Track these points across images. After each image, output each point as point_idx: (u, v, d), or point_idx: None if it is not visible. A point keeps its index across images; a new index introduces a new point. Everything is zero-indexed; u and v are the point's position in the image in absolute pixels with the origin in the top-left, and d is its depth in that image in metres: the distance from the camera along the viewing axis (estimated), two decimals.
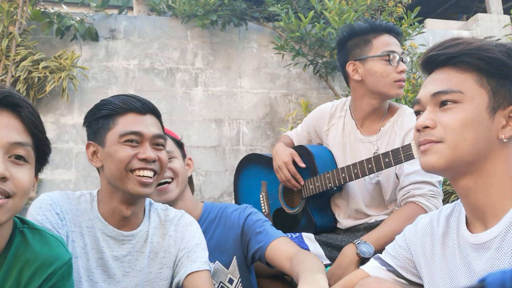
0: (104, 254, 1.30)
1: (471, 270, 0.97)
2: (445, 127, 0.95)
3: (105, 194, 1.34)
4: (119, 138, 1.28)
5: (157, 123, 1.37)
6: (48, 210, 1.24)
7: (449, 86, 0.96)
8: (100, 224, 1.32)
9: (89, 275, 1.28)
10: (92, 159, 1.36)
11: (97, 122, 1.34)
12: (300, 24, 3.65)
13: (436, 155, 0.96)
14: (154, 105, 1.38)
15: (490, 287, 0.50)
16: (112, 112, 1.32)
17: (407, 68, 1.86)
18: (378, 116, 1.86)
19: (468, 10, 6.96)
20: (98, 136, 1.34)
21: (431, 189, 1.67)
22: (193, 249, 1.38)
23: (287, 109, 4.18)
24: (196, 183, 3.92)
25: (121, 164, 1.27)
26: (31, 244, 1.02)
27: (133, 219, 1.36)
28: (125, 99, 1.33)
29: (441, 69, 1.00)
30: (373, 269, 1.18)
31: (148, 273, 1.35)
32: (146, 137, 1.30)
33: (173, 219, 1.44)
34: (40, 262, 1.00)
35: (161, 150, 1.34)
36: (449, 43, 1.00)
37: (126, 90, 3.92)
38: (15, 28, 3.63)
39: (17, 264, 0.99)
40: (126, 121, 1.30)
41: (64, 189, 3.69)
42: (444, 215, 1.09)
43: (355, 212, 1.87)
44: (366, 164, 1.71)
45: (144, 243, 1.37)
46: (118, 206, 1.32)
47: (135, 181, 1.27)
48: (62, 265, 1.04)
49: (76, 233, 1.29)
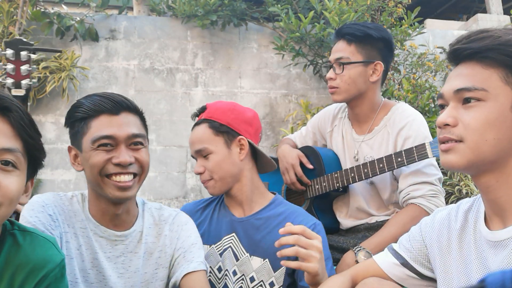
0: (98, 255, 1.28)
1: (486, 266, 0.95)
2: (466, 126, 0.93)
3: (92, 197, 1.31)
4: (92, 144, 1.23)
5: (135, 120, 1.28)
6: (40, 212, 1.22)
7: (473, 83, 0.93)
8: (91, 225, 1.30)
9: (85, 276, 1.27)
10: (74, 163, 1.32)
11: (74, 126, 1.29)
12: (300, 24, 3.65)
13: (456, 154, 0.94)
14: (130, 101, 1.29)
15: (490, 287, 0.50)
16: (85, 115, 1.25)
17: (327, 76, 1.88)
18: (369, 114, 1.86)
19: (468, 10, 6.96)
20: (76, 140, 1.30)
21: (430, 188, 1.66)
22: (189, 249, 1.36)
23: (287, 109, 4.18)
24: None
25: (95, 169, 1.23)
26: (22, 247, 0.98)
27: (124, 217, 1.33)
28: (96, 100, 1.26)
29: (466, 63, 0.96)
30: (386, 264, 1.18)
31: (143, 274, 1.34)
32: (120, 139, 1.23)
33: (168, 218, 1.41)
34: (32, 265, 0.97)
35: (139, 150, 1.27)
36: (474, 36, 0.96)
37: (126, 90, 3.92)
38: (15, 28, 3.64)
39: (9, 269, 0.95)
40: (98, 125, 1.24)
41: (64, 189, 3.69)
42: (462, 209, 1.07)
43: (356, 211, 1.86)
44: (377, 163, 1.70)
45: (138, 244, 1.34)
46: (106, 206, 1.29)
47: (113, 186, 1.23)
48: (55, 267, 1.01)
49: (70, 234, 1.27)
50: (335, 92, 1.82)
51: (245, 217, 1.55)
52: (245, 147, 1.54)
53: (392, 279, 1.16)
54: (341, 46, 1.83)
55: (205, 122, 1.56)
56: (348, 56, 1.79)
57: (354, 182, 1.78)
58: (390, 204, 1.82)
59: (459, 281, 1.01)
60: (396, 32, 3.71)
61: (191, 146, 1.57)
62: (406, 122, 1.74)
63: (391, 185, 1.78)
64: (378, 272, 1.18)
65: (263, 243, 1.50)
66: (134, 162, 1.25)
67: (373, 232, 1.76)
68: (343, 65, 1.79)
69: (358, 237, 1.79)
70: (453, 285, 1.03)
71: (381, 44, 1.81)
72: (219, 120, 1.54)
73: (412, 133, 1.71)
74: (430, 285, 1.14)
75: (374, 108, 1.85)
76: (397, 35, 3.72)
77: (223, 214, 1.62)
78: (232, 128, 1.54)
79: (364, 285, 1.13)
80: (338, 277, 1.20)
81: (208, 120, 1.55)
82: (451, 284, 1.03)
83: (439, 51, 4.33)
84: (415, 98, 3.58)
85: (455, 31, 4.66)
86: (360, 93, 1.81)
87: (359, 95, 1.82)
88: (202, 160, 1.55)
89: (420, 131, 1.72)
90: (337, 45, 1.86)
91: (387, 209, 1.82)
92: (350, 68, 1.79)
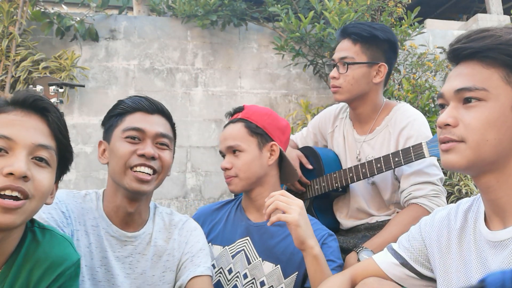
0: (107, 254, 1.31)
1: (486, 267, 0.95)
2: (467, 126, 0.92)
3: (110, 191, 1.35)
4: (122, 134, 1.31)
5: (165, 124, 1.39)
6: (53, 208, 1.24)
7: (473, 83, 0.92)
8: (104, 223, 1.33)
9: (92, 274, 1.28)
10: (101, 156, 1.38)
11: (109, 120, 1.37)
12: (300, 25, 3.65)
13: (457, 155, 0.93)
14: (164, 107, 1.40)
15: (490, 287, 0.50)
16: (122, 111, 1.35)
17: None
18: (371, 115, 1.86)
19: (468, 10, 6.96)
20: (107, 134, 1.36)
21: (432, 188, 1.66)
22: (197, 254, 1.38)
23: (287, 109, 4.18)
24: (196, 183, 3.92)
25: (121, 160, 1.28)
26: (41, 244, 1.02)
27: (137, 218, 1.36)
28: (135, 99, 1.37)
29: (467, 62, 0.96)
30: (385, 264, 1.17)
31: (151, 277, 1.35)
32: (148, 135, 1.32)
33: (178, 223, 1.44)
34: (50, 262, 1.01)
35: (164, 150, 1.35)
36: (475, 35, 0.95)
37: (126, 90, 3.92)
38: (15, 28, 3.63)
39: (27, 264, 0.99)
40: (132, 119, 1.33)
41: (64, 189, 3.69)
42: (462, 209, 1.07)
43: (357, 211, 1.86)
44: (375, 163, 1.70)
45: (147, 246, 1.37)
46: (121, 203, 1.32)
47: (132, 177, 1.28)
48: (71, 265, 1.05)
49: (81, 232, 1.29)
50: (337, 91, 1.82)
51: (261, 222, 1.56)
52: (275, 153, 1.57)
53: (392, 279, 1.16)
54: (346, 45, 1.82)
55: (241, 121, 1.59)
56: (353, 56, 1.79)
57: (352, 182, 1.78)
58: (391, 204, 1.81)
59: (459, 281, 1.01)
60: (396, 32, 3.71)
61: (223, 141, 1.59)
62: (408, 122, 1.74)
63: (392, 185, 1.78)
64: (377, 272, 1.18)
65: (276, 249, 1.51)
66: (157, 158, 1.31)
67: (373, 232, 1.76)
68: (347, 65, 1.78)
69: (358, 237, 1.79)
70: (452, 285, 1.03)
71: (386, 46, 1.80)
72: (256, 122, 1.57)
73: (414, 133, 1.71)
74: (430, 285, 1.14)
75: (376, 109, 1.84)
76: (397, 35, 3.71)
77: (239, 217, 1.63)
78: (266, 132, 1.57)
79: (364, 285, 1.13)
80: (337, 276, 1.20)
81: (245, 120, 1.58)
82: (451, 284, 1.03)
83: (439, 51, 4.33)
84: (415, 98, 3.58)
85: (455, 31, 4.66)
86: (362, 93, 1.81)
87: (361, 96, 1.81)
88: (231, 157, 1.57)
89: (421, 131, 1.72)
90: (342, 44, 1.84)
91: (387, 209, 1.82)
92: (354, 68, 1.78)
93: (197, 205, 3.89)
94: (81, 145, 3.76)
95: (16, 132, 0.94)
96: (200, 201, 3.90)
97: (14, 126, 0.95)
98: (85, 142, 3.80)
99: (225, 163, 1.57)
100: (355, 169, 1.76)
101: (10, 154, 0.93)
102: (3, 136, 0.92)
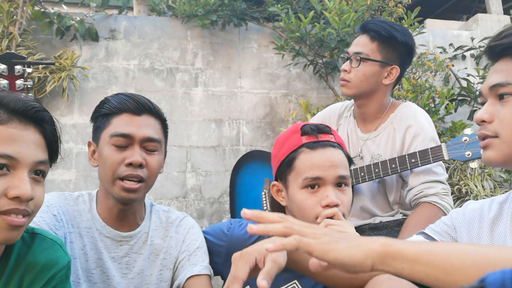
0: (102, 255, 1.29)
1: None
2: (501, 121, 0.94)
3: (102, 193, 1.34)
4: (109, 139, 1.27)
5: (154, 124, 1.32)
6: (45, 212, 1.23)
7: (506, 79, 0.94)
8: (98, 224, 1.31)
9: (88, 276, 1.27)
10: (91, 158, 1.35)
11: (97, 120, 1.34)
12: (300, 24, 3.65)
13: (493, 150, 0.94)
14: (154, 105, 1.34)
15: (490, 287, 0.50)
16: (108, 112, 1.30)
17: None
18: (376, 115, 1.85)
19: (468, 10, 6.95)
20: (95, 135, 1.34)
21: (443, 187, 1.66)
22: (194, 252, 1.36)
23: (287, 109, 4.18)
24: (196, 183, 3.92)
25: (110, 171, 1.26)
26: (31, 248, 1.02)
27: (131, 218, 1.34)
28: (121, 98, 1.31)
29: (502, 59, 0.98)
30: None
31: (148, 276, 1.34)
32: (136, 139, 1.27)
33: (175, 221, 1.42)
34: (40, 266, 1.01)
35: (152, 155, 1.30)
36: (506, 32, 0.97)
37: (126, 90, 3.92)
38: (15, 28, 3.63)
39: (18, 269, 0.99)
40: (119, 122, 1.28)
41: (64, 189, 3.69)
42: (497, 201, 1.07)
43: (360, 210, 1.85)
44: (389, 163, 1.69)
45: (143, 245, 1.35)
46: (114, 206, 1.31)
47: (120, 187, 1.26)
48: (62, 268, 1.04)
49: (74, 234, 1.28)
50: (345, 85, 1.81)
51: None
52: None
53: None
54: (363, 41, 1.81)
55: (340, 148, 1.33)
56: (368, 53, 1.77)
57: (363, 182, 1.77)
58: (395, 204, 1.81)
59: None
60: None
61: (336, 169, 1.25)
62: (414, 120, 1.73)
63: (397, 184, 1.78)
64: None
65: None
66: (144, 166, 1.27)
67: (377, 232, 1.75)
68: (361, 60, 1.77)
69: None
70: None
71: (403, 49, 1.79)
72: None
73: (421, 131, 1.71)
74: None
75: (382, 109, 1.84)
76: None
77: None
78: None
79: (376, 283, 1.12)
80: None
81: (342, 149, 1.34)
82: None
83: (439, 51, 4.33)
84: (415, 98, 3.58)
85: (455, 31, 4.66)
86: (370, 92, 1.80)
87: (368, 94, 1.80)
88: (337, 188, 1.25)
89: (427, 129, 1.72)
90: (359, 38, 1.83)
91: (391, 209, 1.81)
92: (367, 65, 1.77)
93: (197, 205, 3.89)
94: (81, 145, 3.75)
95: (18, 149, 0.91)
96: (200, 201, 3.91)
97: (15, 142, 0.91)
98: (85, 142, 3.79)
99: (333, 196, 1.22)
100: (367, 169, 1.75)
101: (13, 173, 0.90)
102: (5, 155, 0.89)
